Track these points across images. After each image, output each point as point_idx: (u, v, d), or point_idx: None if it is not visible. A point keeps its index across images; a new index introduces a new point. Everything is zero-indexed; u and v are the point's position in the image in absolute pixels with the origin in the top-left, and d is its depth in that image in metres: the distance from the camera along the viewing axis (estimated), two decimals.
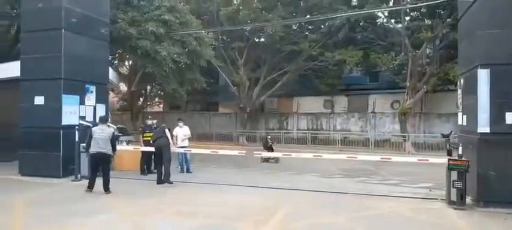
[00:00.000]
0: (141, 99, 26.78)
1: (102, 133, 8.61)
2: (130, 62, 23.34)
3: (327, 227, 6.27)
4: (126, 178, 10.56)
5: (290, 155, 11.38)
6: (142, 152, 11.21)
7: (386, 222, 6.57)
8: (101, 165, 8.73)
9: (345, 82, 27.32)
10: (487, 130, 7.39)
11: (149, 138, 11.52)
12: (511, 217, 6.76)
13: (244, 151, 10.59)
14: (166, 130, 10.30)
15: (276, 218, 6.64)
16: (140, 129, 12.27)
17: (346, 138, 24.77)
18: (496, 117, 7.32)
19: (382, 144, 23.25)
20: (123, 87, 26.16)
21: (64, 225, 6.15)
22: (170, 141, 10.23)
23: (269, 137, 17.15)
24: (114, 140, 8.75)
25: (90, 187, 8.66)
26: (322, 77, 25.94)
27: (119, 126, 15.21)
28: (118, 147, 11.70)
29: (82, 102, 11.05)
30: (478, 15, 7.85)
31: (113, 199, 8.11)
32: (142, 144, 11.50)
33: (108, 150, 8.59)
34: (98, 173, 8.85)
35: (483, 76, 7.44)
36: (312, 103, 28.10)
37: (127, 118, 25.77)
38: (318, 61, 24.41)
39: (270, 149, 15.29)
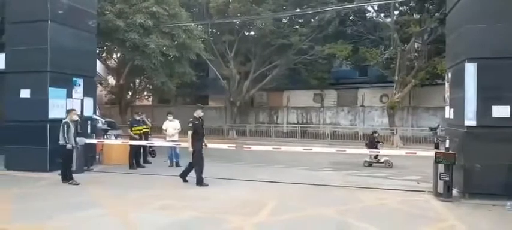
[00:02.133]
0: (130, 93, 26.53)
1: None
2: (119, 55, 23.04)
3: (316, 219, 6.31)
4: (115, 172, 10.49)
5: (280, 148, 11.39)
6: (131, 146, 11.11)
7: (375, 214, 6.63)
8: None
9: (335, 76, 27.46)
10: (474, 123, 7.49)
11: (138, 132, 11.46)
12: (495, 208, 6.89)
13: (234, 145, 10.57)
14: (189, 131, 8.69)
15: (265, 210, 6.65)
16: (129, 123, 12.16)
17: (335, 131, 24.92)
18: (483, 110, 7.43)
19: None
20: (112, 80, 25.88)
21: (53, 219, 6.06)
22: (188, 140, 8.70)
23: (376, 134, 13.89)
24: (64, 130, 8.71)
25: (63, 178, 8.86)
26: (312, 71, 26.00)
27: (107, 119, 15.05)
28: (106, 141, 11.75)
29: (69, 95, 10.87)
30: (466, 10, 7.92)
31: (101, 193, 8.03)
32: (132, 138, 11.38)
33: (61, 141, 8.72)
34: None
35: (470, 70, 7.53)
36: (302, 97, 28.18)
37: (115, 112, 25.51)
38: (308, 55, 24.46)
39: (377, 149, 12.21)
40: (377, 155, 12.05)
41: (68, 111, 9.28)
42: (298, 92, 28.30)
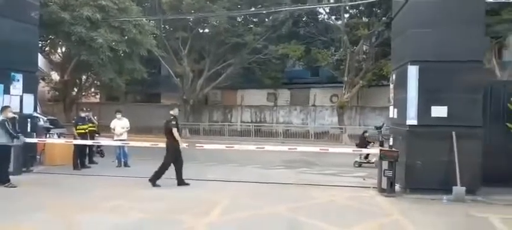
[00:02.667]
0: (76, 89, 25.22)
1: None
2: (64, 49, 21.81)
3: (268, 216, 6.37)
4: (57, 173, 9.90)
5: (233, 147, 11.37)
6: (75, 145, 10.55)
7: (324, 210, 6.82)
8: None
9: (288, 76, 27.98)
10: (415, 122, 7.95)
11: (83, 131, 10.91)
12: (434, 202, 7.36)
13: (186, 144, 10.36)
14: (173, 129, 8.52)
15: (217, 210, 6.61)
16: (73, 121, 11.53)
17: (288, 130, 25.41)
18: (423, 110, 7.90)
19: (321, 135, 24.19)
20: (56, 76, 24.43)
21: None
22: (177, 139, 8.54)
23: (367, 134, 13.43)
24: (4, 128, 8.15)
25: None
26: (265, 70, 26.30)
27: (49, 117, 14.16)
28: (48, 140, 11.07)
29: (7, 92, 10.07)
30: (409, 15, 8.37)
31: (43, 195, 7.53)
32: (75, 137, 10.82)
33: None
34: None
35: (412, 72, 7.98)
36: (256, 96, 28.41)
37: (59, 109, 24.12)
38: (262, 54, 24.68)
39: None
40: (368, 155, 12.01)
41: (3, 109, 8.60)
42: (252, 91, 28.49)
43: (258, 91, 28.22)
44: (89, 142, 10.94)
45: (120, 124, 11.25)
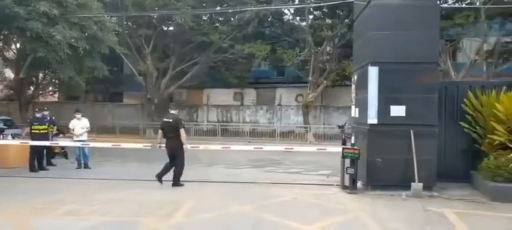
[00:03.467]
0: (32, 88, 24.01)
1: None
2: (18, 45, 20.69)
3: (233, 216, 6.36)
4: (14, 176, 9.44)
5: (198, 147, 11.25)
6: (32, 146, 10.05)
7: (289, 208, 6.91)
8: None
9: (254, 75, 28.06)
10: (375, 121, 8.20)
11: (38, 131, 10.41)
12: (393, 198, 7.64)
13: (150, 145, 10.16)
14: (181, 129, 8.58)
15: (181, 211, 6.51)
16: (28, 121, 10.98)
17: (254, 129, 25.51)
18: (383, 109, 8.15)
19: (287, 134, 24.49)
20: (10, 74, 23.15)
21: None
22: (184, 141, 8.61)
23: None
24: None
25: None
26: (232, 70, 26.24)
27: (3, 117, 13.41)
28: (2, 142, 10.49)
29: None
30: (369, 18, 8.64)
31: None
32: (31, 138, 10.31)
33: None
34: None
35: (373, 73, 8.23)
36: (222, 96, 28.30)
37: (14, 109, 22.88)
38: (228, 53, 24.57)
39: None
40: None
41: None
42: (218, 90, 28.34)
43: (224, 90, 28.10)
44: (45, 143, 10.44)
45: (79, 124, 10.87)
